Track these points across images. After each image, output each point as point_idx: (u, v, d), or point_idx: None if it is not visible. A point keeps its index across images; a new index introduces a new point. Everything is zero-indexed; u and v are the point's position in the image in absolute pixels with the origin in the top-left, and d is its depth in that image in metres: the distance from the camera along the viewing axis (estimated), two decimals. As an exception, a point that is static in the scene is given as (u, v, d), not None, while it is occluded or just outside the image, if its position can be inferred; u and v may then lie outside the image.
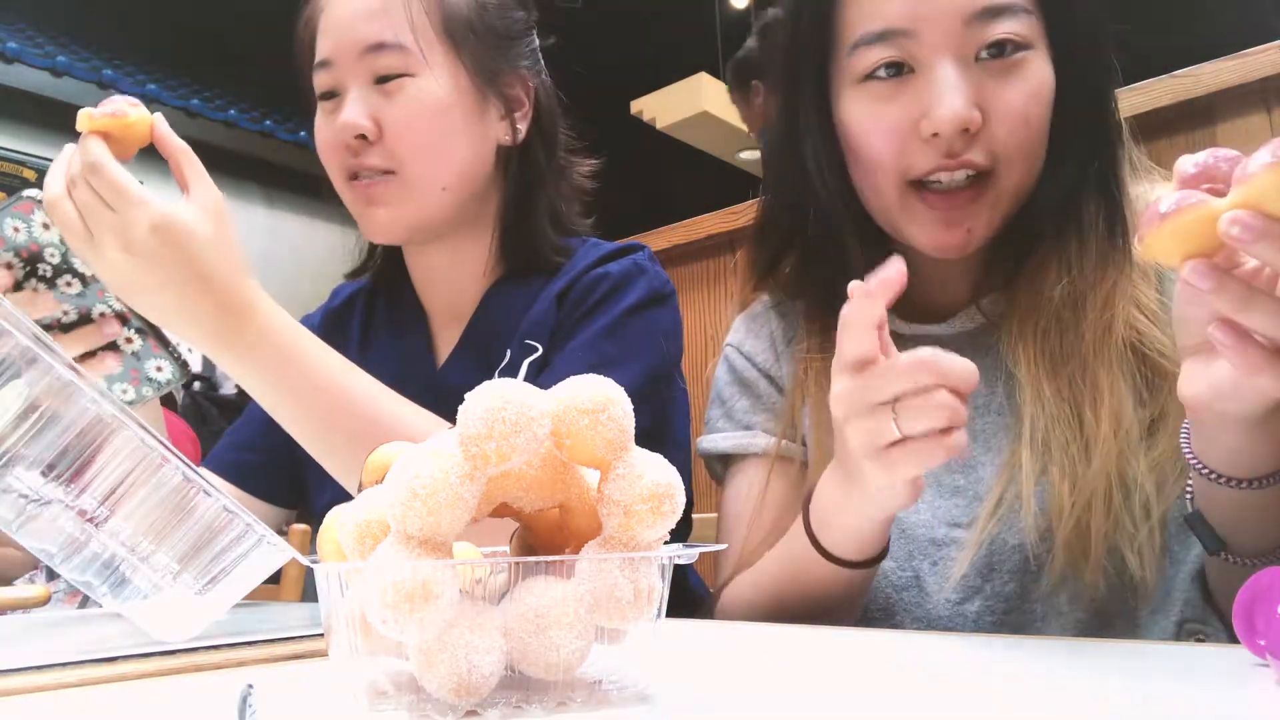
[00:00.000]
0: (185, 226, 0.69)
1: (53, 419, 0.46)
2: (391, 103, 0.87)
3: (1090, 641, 0.52)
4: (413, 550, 0.34)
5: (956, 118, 0.68)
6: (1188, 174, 0.47)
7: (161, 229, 0.68)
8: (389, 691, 0.37)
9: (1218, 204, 0.45)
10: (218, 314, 0.71)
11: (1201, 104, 1.40)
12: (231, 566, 0.50)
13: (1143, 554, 0.67)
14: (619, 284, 0.91)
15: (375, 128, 0.87)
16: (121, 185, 0.68)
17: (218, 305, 0.71)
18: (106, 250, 0.69)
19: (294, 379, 0.74)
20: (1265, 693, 0.36)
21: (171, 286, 0.70)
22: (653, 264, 0.96)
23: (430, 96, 0.88)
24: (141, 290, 0.71)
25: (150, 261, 0.68)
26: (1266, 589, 0.40)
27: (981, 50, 0.69)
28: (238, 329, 0.72)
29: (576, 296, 0.92)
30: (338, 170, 0.91)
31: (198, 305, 0.70)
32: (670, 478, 0.37)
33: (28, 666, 0.44)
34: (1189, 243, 0.46)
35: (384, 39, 0.87)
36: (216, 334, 0.72)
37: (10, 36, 5.11)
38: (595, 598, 0.36)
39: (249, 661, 0.50)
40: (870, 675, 0.45)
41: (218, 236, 0.71)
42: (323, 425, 0.75)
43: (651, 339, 0.91)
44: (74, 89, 5.23)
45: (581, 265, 0.94)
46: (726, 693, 0.41)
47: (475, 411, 0.35)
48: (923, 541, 0.76)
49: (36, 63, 5.11)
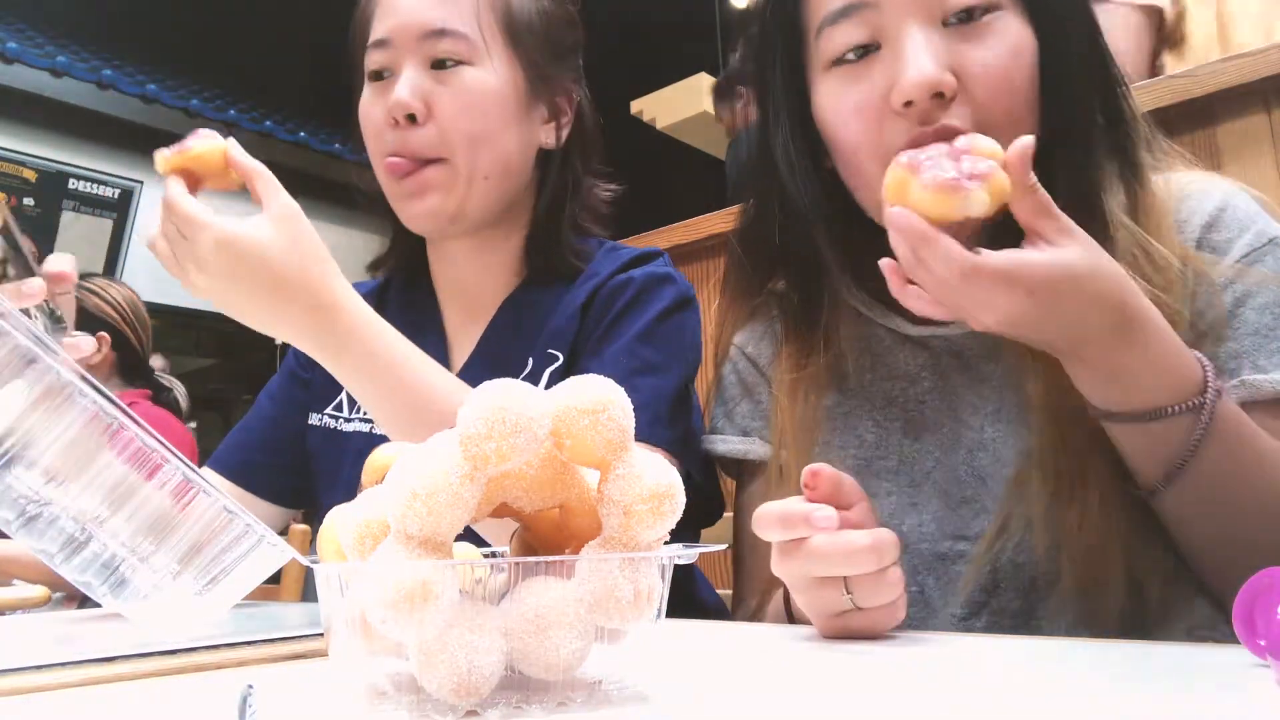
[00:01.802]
0: (249, 240, 0.72)
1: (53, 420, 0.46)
2: (446, 87, 0.88)
3: (1090, 642, 0.52)
4: (413, 550, 0.34)
5: (925, 80, 0.65)
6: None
7: (224, 245, 0.72)
8: (389, 692, 0.37)
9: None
10: (305, 316, 0.74)
11: (1201, 104, 1.40)
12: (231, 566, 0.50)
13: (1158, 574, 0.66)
14: (644, 290, 0.92)
15: (425, 109, 0.87)
16: (188, 214, 0.72)
17: (303, 308, 0.74)
18: (190, 275, 0.74)
19: (382, 375, 0.76)
20: (1265, 693, 0.36)
21: (253, 297, 0.74)
22: (673, 269, 0.97)
23: (485, 85, 0.89)
24: (232, 305, 0.75)
25: (225, 278, 0.73)
26: (1266, 589, 0.40)
27: (950, 16, 0.67)
28: (328, 328, 0.75)
29: (601, 304, 0.92)
30: (379, 151, 0.91)
31: (284, 311, 0.74)
32: (670, 478, 0.37)
33: (28, 666, 0.44)
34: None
35: (448, 25, 0.88)
36: (310, 335, 0.75)
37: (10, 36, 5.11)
38: (595, 598, 0.36)
39: (249, 661, 0.50)
40: (871, 676, 0.45)
41: (291, 243, 0.73)
42: (409, 420, 0.77)
43: (683, 343, 0.92)
44: (74, 89, 5.23)
45: (604, 273, 0.94)
46: (726, 693, 0.41)
47: (475, 412, 0.35)
48: (928, 556, 0.74)
49: (36, 63, 5.12)
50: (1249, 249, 0.67)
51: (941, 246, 0.55)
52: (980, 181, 0.55)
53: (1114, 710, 0.35)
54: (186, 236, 0.73)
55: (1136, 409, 0.59)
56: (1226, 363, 0.66)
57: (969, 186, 0.55)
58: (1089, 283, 0.56)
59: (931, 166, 0.56)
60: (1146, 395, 0.59)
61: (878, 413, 0.78)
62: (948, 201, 0.55)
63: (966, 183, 0.55)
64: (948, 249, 0.55)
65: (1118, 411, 0.60)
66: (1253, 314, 0.66)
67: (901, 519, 0.75)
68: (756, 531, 0.56)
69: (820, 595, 0.55)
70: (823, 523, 0.54)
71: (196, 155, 0.75)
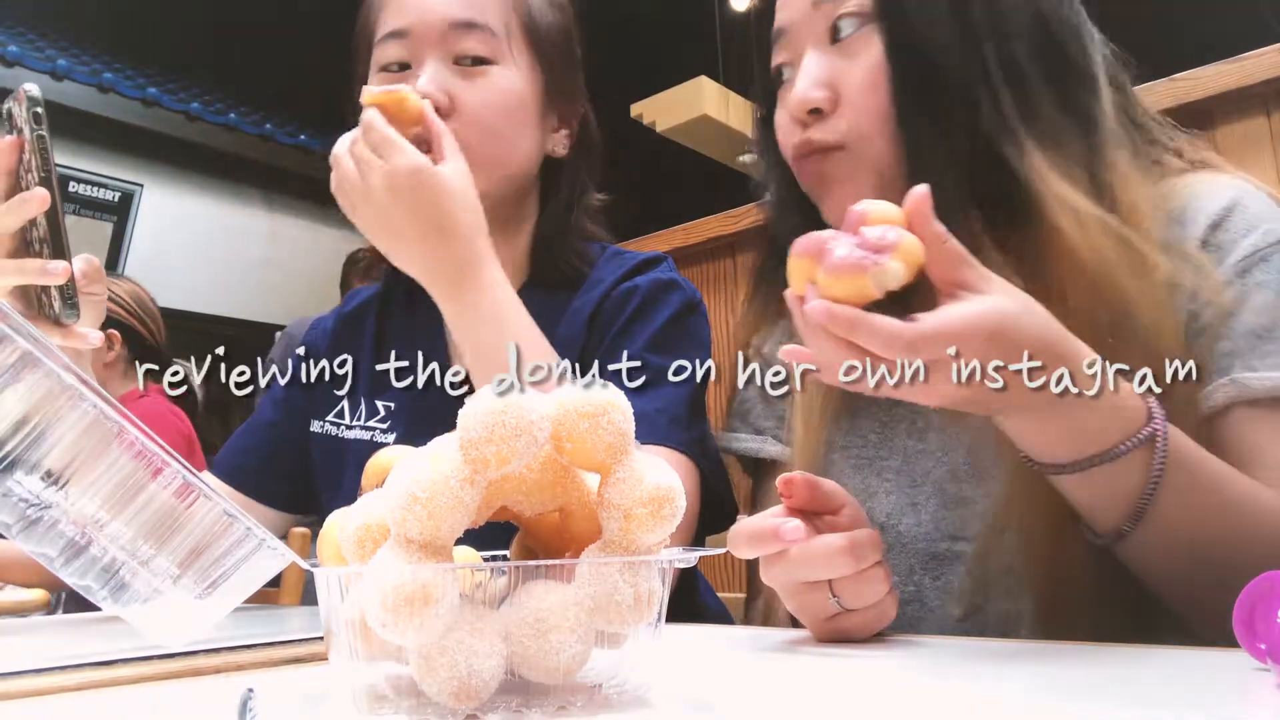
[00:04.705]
0: (439, 176, 0.78)
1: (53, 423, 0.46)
2: (470, 84, 0.88)
3: (1090, 646, 0.52)
4: (413, 554, 0.34)
5: (804, 101, 0.72)
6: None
7: (420, 171, 0.77)
8: (389, 696, 0.37)
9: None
10: (453, 266, 0.79)
11: (1201, 107, 1.40)
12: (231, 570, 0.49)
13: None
14: (651, 296, 0.92)
15: (448, 102, 0.87)
16: (390, 138, 0.78)
17: (454, 258, 0.79)
18: (374, 193, 0.78)
19: (493, 339, 0.80)
20: (1266, 697, 0.36)
21: (421, 233, 0.78)
22: (677, 274, 0.97)
23: (509, 85, 0.90)
24: (396, 235, 0.79)
25: (408, 205, 0.78)
26: (1266, 594, 0.40)
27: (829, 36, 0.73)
28: (468, 283, 0.79)
29: (608, 313, 0.92)
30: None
31: (439, 254, 0.79)
32: (670, 481, 0.37)
33: (27, 670, 0.44)
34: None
35: (474, 18, 0.88)
36: (449, 283, 0.80)
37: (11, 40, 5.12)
38: (595, 602, 0.36)
39: (249, 665, 0.50)
40: (870, 679, 0.45)
41: (464, 195, 0.79)
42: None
43: (694, 347, 0.92)
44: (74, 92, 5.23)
45: (609, 279, 0.94)
46: (726, 697, 0.41)
47: (475, 415, 0.35)
48: (923, 555, 0.74)
49: (37, 66, 5.12)
50: (1254, 249, 0.67)
51: (876, 325, 0.50)
52: (889, 252, 0.51)
53: (1114, 714, 0.35)
54: (383, 157, 0.78)
55: (1090, 454, 0.56)
56: (1220, 361, 0.65)
57: (880, 260, 0.50)
58: (1029, 320, 0.53)
59: (834, 249, 0.52)
60: (1096, 436, 0.56)
61: (883, 414, 0.78)
62: (858, 282, 0.50)
63: (876, 257, 0.50)
64: (885, 326, 0.50)
65: (1069, 461, 0.57)
66: (1250, 314, 0.65)
67: (899, 518, 0.75)
68: (731, 550, 0.56)
69: (807, 600, 0.56)
70: (791, 535, 0.54)
71: (400, 99, 0.80)
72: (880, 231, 0.51)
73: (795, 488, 0.57)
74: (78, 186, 5.28)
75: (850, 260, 0.51)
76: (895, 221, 0.52)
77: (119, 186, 5.44)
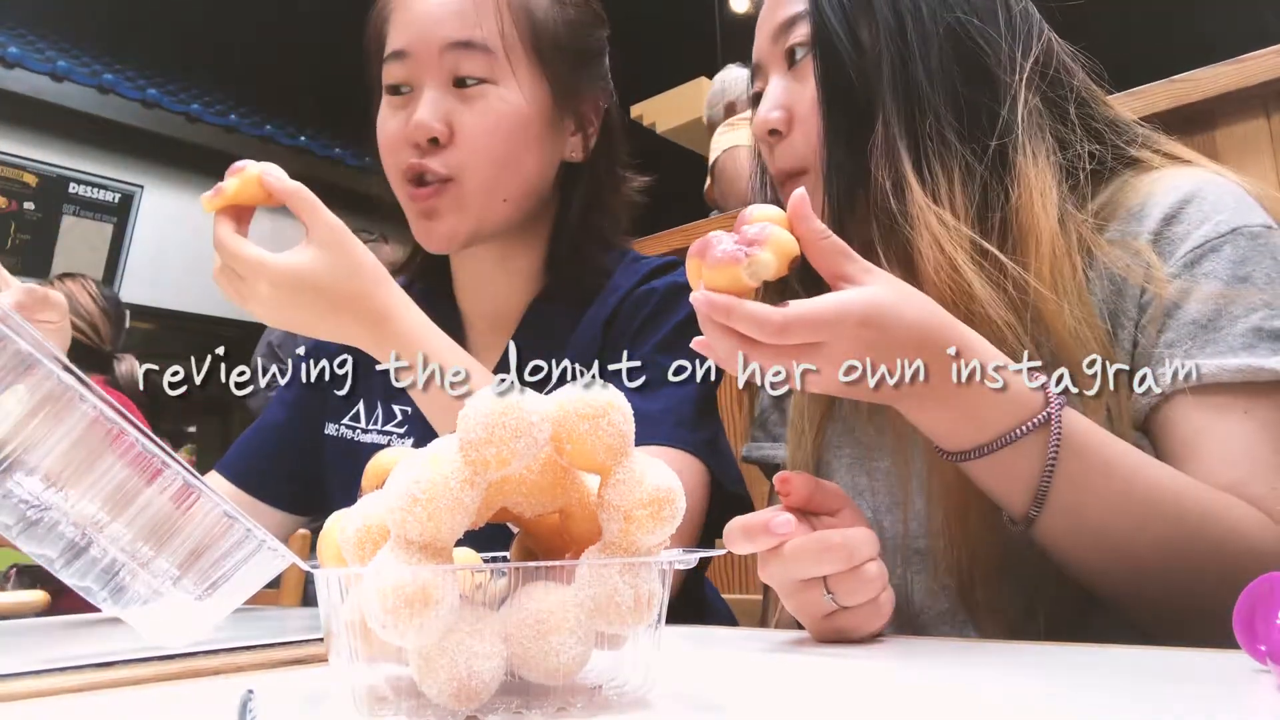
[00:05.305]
0: (301, 272, 0.77)
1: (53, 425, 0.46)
2: (469, 108, 0.86)
3: (1090, 647, 0.52)
4: (413, 555, 0.34)
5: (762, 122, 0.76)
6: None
7: (279, 283, 0.76)
8: (389, 697, 0.37)
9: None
10: (363, 329, 0.79)
11: (1200, 109, 1.40)
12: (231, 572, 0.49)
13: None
14: (667, 299, 0.91)
15: (448, 131, 0.86)
16: (240, 255, 0.77)
17: (359, 322, 0.79)
18: (254, 308, 0.79)
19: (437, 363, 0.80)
20: (1266, 698, 0.36)
21: (311, 319, 0.79)
22: None
23: (509, 107, 0.87)
24: (295, 326, 0.80)
25: (287, 309, 0.78)
26: (1266, 596, 0.40)
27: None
28: (383, 337, 0.80)
29: (625, 317, 0.91)
30: (396, 167, 0.90)
31: (345, 327, 0.79)
32: (670, 483, 0.37)
33: (27, 671, 0.44)
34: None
35: (471, 38, 0.86)
36: (371, 345, 0.80)
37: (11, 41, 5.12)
38: (595, 603, 0.36)
39: (249, 667, 0.50)
40: (870, 679, 0.45)
41: (338, 265, 0.78)
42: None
43: None
44: (74, 93, 5.23)
45: (625, 286, 0.93)
46: (725, 698, 0.41)
47: (475, 416, 0.35)
48: (909, 551, 0.75)
49: (37, 67, 5.12)
50: (1203, 240, 0.66)
51: (747, 310, 0.54)
52: (760, 245, 0.56)
53: (1114, 714, 0.35)
54: (243, 276, 0.77)
55: (989, 439, 0.58)
56: (1161, 352, 0.66)
57: (752, 252, 0.55)
58: (908, 308, 0.56)
59: (716, 245, 0.57)
60: (993, 423, 0.57)
61: (878, 415, 0.79)
62: (732, 271, 0.55)
63: (747, 249, 0.56)
64: (756, 311, 0.54)
65: (971, 448, 0.59)
66: (1195, 305, 0.65)
67: (884, 516, 0.77)
68: (727, 545, 0.57)
69: (804, 598, 0.56)
70: (781, 528, 0.55)
71: (233, 194, 0.78)
72: (758, 228, 0.57)
73: (792, 486, 0.58)
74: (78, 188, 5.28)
75: (726, 254, 0.56)
76: (776, 220, 0.58)
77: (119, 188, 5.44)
